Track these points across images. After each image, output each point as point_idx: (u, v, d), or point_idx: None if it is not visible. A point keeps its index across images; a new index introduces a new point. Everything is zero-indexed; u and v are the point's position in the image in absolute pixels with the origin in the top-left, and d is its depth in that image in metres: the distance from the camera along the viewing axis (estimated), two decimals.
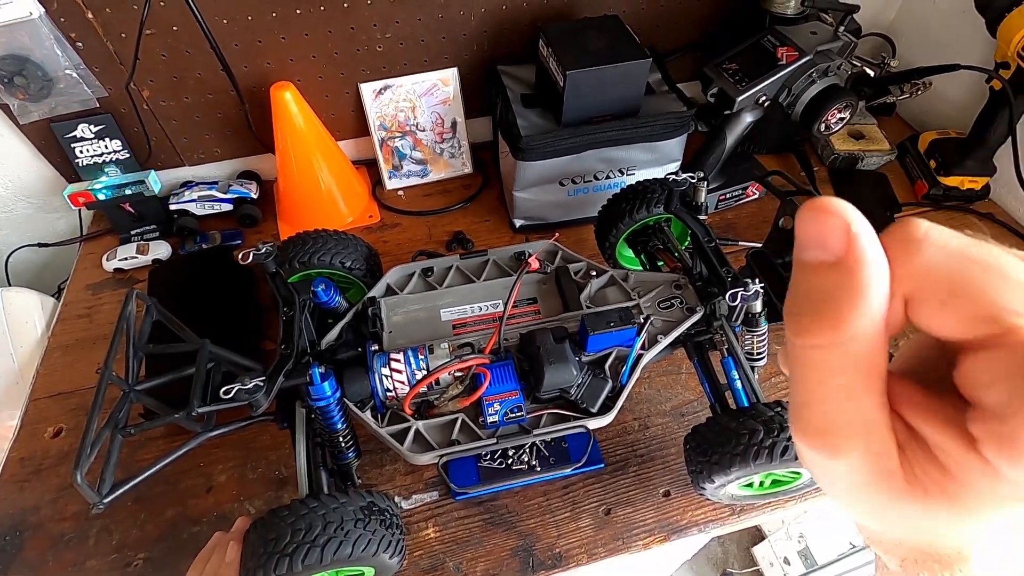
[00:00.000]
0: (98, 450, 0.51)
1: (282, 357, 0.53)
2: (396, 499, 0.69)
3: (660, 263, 0.78)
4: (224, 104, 0.93)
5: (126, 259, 0.93)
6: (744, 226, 1.00)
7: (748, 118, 0.88)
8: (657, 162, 0.92)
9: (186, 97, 0.91)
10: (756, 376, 0.65)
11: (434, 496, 0.70)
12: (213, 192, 0.97)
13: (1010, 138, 0.91)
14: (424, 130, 1.02)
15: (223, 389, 0.48)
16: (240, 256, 0.58)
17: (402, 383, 0.58)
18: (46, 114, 0.84)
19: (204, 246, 0.96)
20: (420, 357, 0.58)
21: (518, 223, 0.97)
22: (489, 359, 0.60)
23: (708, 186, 0.94)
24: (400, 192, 1.06)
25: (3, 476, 0.73)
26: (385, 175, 1.05)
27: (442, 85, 0.98)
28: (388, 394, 0.58)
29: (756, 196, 1.03)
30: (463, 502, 0.69)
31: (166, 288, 0.87)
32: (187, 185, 1.00)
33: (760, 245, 0.80)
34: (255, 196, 1.00)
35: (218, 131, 0.97)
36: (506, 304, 0.60)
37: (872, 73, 1.09)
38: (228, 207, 0.99)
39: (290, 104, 0.87)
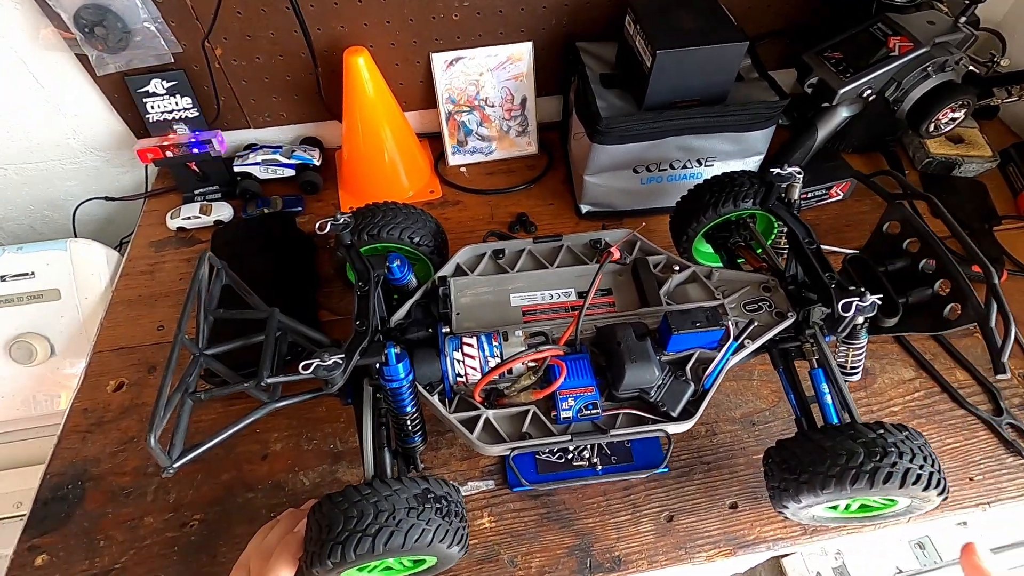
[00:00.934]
0: (171, 413, 0.50)
1: (357, 334, 0.51)
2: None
3: (741, 261, 0.74)
4: (294, 67, 0.91)
5: (189, 218, 0.93)
6: (825, 229, 0.94)
7: (844, 113, 0.82)
8: (740, 154, 0.87)
9: (257, 57, 0.89)
10: (848, 391, 0.60)
11: (490, 485, 0.68)
12: (277, 156, 0.96)
13: None
14: (493, 106, 0.98)
15: (301, 364, 0.47)
16: (317, 226, 0.56)
17: (474, 369, 0.55)
18: (122, 67, 0.83)
19: (266, 211, 0.95)
20: (494, 344, 0.56)
21: (584, 209, 0.94)
22: (564, 351, 0.57)
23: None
24: (463, 169, 1.03)
25: (68, 425, 0.74)
26: (449, 150, 1.02)
27: (514, 60, 0.94)
28: (458, 379, 0.56)
29: (840, 197, 0.96)
30: (519, 494, 0.67)
31: (228, 251, 0.86)
32: (251, 148, 0.99)
33: (853, 250, 0.74)
34: (317, 163, 0.98)
35: (286, 94, 0.95)
36: (587, 295, 0.57)
37: (979, 72, 1.00)
38: (291, 172, 0.98)
39: (362, 70, 0.84)
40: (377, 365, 0.51)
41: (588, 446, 0.67)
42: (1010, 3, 1.05)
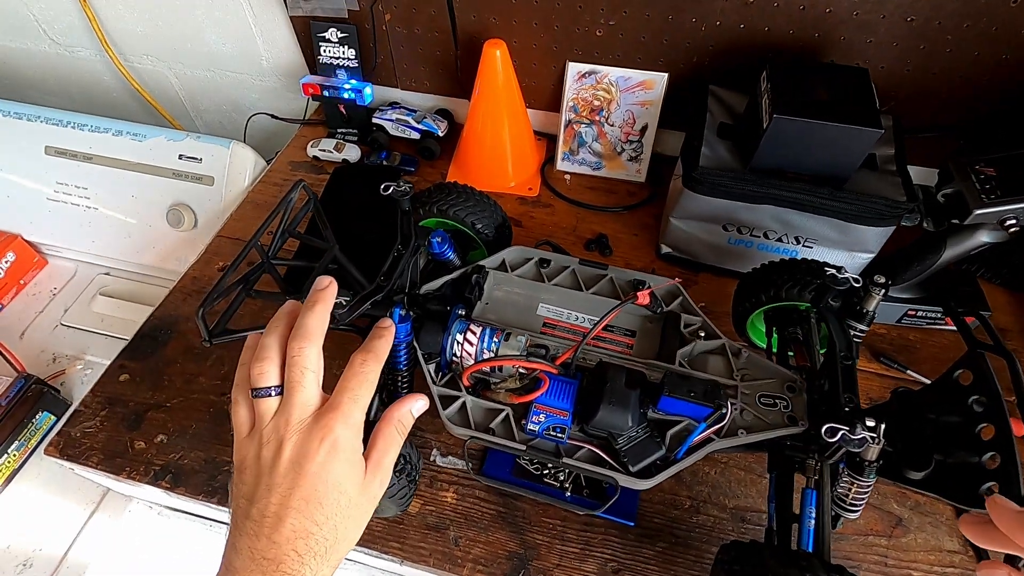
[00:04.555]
0: (223, 298, 0.60)
1: (376, 287, 0.58)
2: (433, 452, 0.73)
3: (791, 354, 0.69)
4: (445, 44, 1.00)
5: (324, 151, 1.08)
6: (924, 356, 0.83)
7: (983, 238, 0.71)
8: (845, 246, 0.79)
9: (417, 29, 0.99)
10: (837, 526, 0.55)
11: (467, 466, 0.72)
12: (409, 119, 1.07)
13: None
14: (613, 125, 1.00)
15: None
16: (382, 187, 0.63)
17: (469, 355, 0.59)
18: (308, 12, 0.98)
19: (384, 163, 1.06)
20: (495, 340, 0.59)
21: (664, 249, 0.92)
22: (557, 370, 0.59)
23: (896, 294, 0.79)
24: (567, 176, 1.06)
25: (178, 284, 0.92)
26: (560, 155, 1.05)
27: (647, 87, 0.94)
28: (453, 359, 0.60)
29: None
30: (486, 485, 0.71)
31: (341, 186, 0.98)
32: (393, 105, 1.10)
33: (923, 384, 0.66)
34: (441, 134, 1.07)
35: (432, 67, 1.05)
36: (595, 325, 0.58)
37: None
38: (416, 136, 1.08)
39: (497, 61, 0.90)
40: None
41: (566, 471, 0.68)
42: None
